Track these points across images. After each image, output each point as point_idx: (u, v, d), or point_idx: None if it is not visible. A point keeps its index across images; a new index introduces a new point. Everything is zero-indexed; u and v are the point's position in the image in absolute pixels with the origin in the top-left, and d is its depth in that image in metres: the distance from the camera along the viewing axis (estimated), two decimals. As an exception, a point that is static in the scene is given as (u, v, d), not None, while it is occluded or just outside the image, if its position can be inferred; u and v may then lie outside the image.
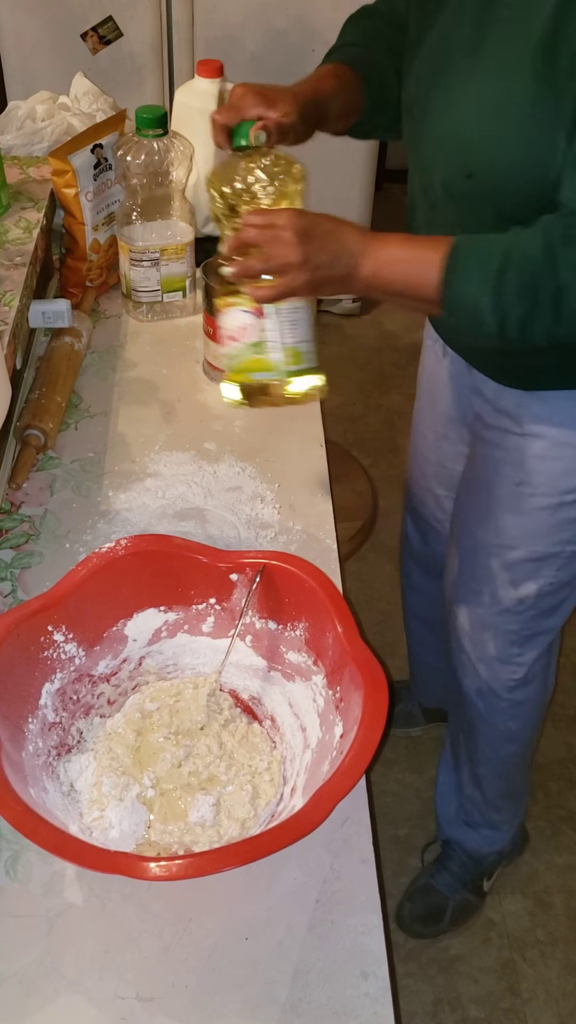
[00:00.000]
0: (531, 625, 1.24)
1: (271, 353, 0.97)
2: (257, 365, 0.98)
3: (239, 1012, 0.70)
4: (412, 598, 1.69)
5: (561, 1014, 1.53)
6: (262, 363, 0.98)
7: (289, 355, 0.97)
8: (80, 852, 0.67)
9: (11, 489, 1.11)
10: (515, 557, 1.18)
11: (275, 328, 0.96)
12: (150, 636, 0.90)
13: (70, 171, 1.29)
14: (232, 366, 1.00)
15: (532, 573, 1.18)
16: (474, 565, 1.23)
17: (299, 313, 0.96)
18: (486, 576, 1.21)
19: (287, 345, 0.97)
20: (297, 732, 0.85)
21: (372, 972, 0.73)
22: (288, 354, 0.97)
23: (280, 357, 0.97)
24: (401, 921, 1.60)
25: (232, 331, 0.98)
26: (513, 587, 1.20)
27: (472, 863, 1.60)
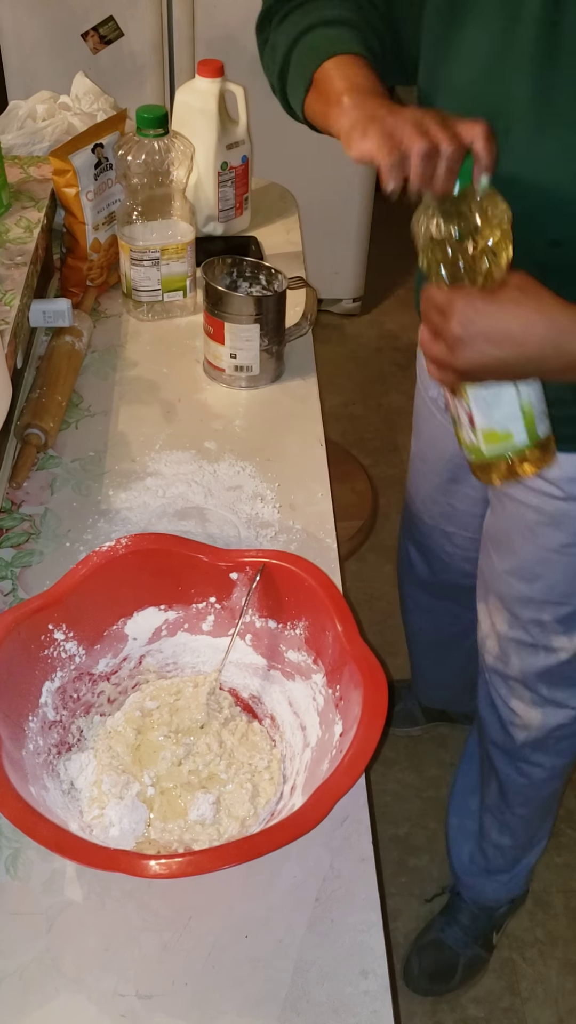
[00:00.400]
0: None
1: (466, 433, 0.90)
2: (460, 439, 0.92)
3: (239, 1009, 0.70)
4: (418, 618, 1.66)
5: (560, 1013, 1.53)
6: (463, 440, 0.92)
7: (487, 438, 0.88)
8: (80, 850, 0.67)
9: (12, 488, 1.11)
10: (567, 611, 1.13)
11: (464, 409, 0.88)
12: (150, 635, 0.90)
13: (71, 170, 1.29)
14: (469, 442, 0.92)
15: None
16: (524, 620, 1.18)
17: (500, 394, 0.86)
18: (540, 631, 1.17)
19: (482, 428, 0.88)
20: (297, 731, 0.85)
21: (371, 970, 0.73)
22: (485, 438, 0.88)
23: (474, 439, 0.89)
24: (409, 977, 1.54)
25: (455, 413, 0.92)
26: (567, 638, 1.16)
27: (484, 915, 1.54)
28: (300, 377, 1.30)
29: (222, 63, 1.45)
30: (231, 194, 1.52)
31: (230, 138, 1.47)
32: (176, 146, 1.29)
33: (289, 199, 1.68)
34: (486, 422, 0.87)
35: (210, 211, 1.52)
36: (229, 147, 1.48)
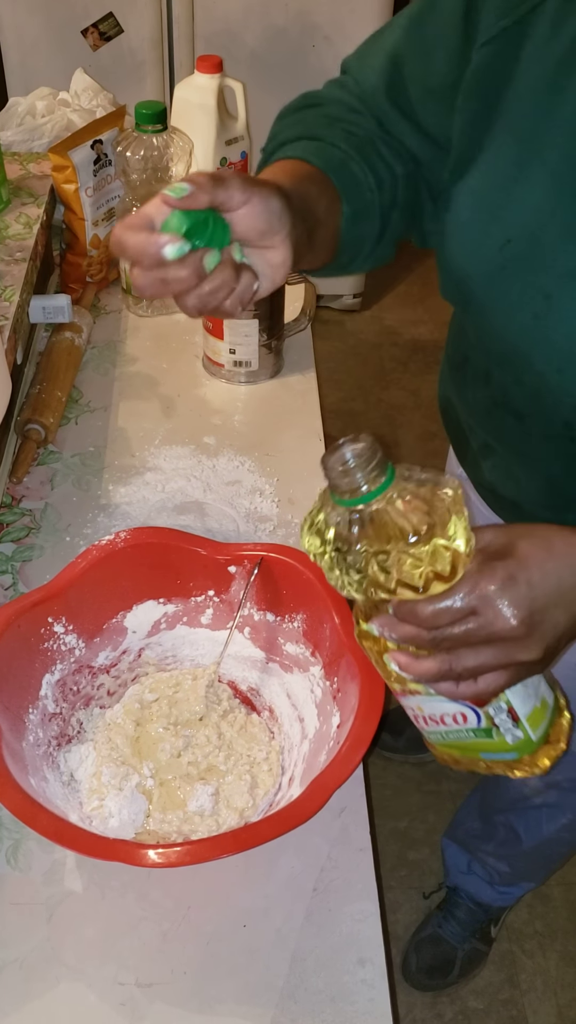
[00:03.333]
0: None
1: (508, 735, 0.67)
2: (487, 747, 0.69)
3: (237, 998, 0.71)
4: None
5: (559, 1005, 1.54)
6: (499, 745, 0.68)
7: (533, 721, 0.67)
8: (80, 840, 0.68)
9: (12, 483, 1.12)
10: None
11: (502, 710, 0.66)
12: (149, 628, 0.91)
13: (70, 167, 1.29)
14: (443, 743, 0.72)
15: None
16: None
17: None
18: None
19: (528, 714, 0.67)
20: (295, 722, 0.86)
21: (369, 959, 0.73)
22: (532, 722, 0.67)
23: (520, 734, 0.67)
24: (407, 972, 1.54)
25: (432, 715, 0.70)
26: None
27: (481, 911, 1.54)
28: (299, 372, 1.30)
29: (221, 59, 1.45)
30: (230, 190, 1.52)
31: (229, 134, 1.48)
32: (175, 142, 1.30)
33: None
34: (529, 703, 0.67)
35: (209, 207, 1.52)
36: (228, 143, 1.48)
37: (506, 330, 0.75)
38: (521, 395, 0.80)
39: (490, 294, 0.75)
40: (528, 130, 0.72)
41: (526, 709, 0.66)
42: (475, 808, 1.43)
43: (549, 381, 0.74)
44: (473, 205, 0.76)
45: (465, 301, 0.80)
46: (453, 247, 0.78)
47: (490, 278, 0.74)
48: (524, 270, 0.72)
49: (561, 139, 0.69)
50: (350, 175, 0.80)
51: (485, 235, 0.74)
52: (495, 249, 0.73)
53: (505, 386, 0.83)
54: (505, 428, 0.87)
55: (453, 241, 0.78)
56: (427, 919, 1.58)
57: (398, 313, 3.05)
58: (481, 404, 0.89)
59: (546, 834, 1.29)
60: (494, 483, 0.96)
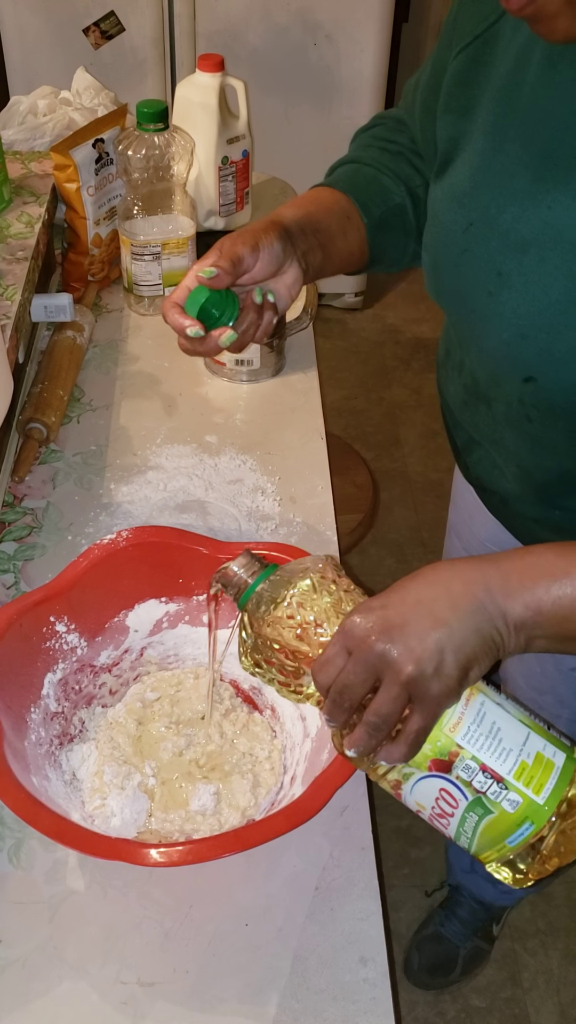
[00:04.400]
0: None
1: (505, 802, 0.62)
2: (500, 826, 0.63)
3: (239, 997, 0.71)
4: None
5: (562, 1003, 1.54)
6: (507, 819, 0.62)
7: (529, 779, 0.62)
8: (82, 839, 0.68)
9: (14, 482, 1.12)
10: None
11: (474, 769, 0.62)
12: (151, 627, 0.91)
13: (72, 166, 1.29)
14: (475, 848, 0.65)
15: None
16: None
17: (484, 712, 0.63)
18: None
19: (514, 770, 0.62)
20: (297, 721, 0.86)
21: (371, 958, 0.73)
22: (526, 779, 0.62)
23: (519, 797, 0.61)
24: (409, 971, 1.54)
25: (434, 808, 0.66)
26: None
27: (482, 909, 1.54)
28: (301, 371, 1.30)
29: (223, 58, 1.45)
30: (232, 189, 1.52)
31: (231, 132, 1.48)
32: (177, 141, 1.30)
33: (290, 193, 1.69)
34: (509, 759, 0.62)
35: (211, 206, 1.52)
36: (230, 141, 1.48)
37: (467, 311, 0.80)
38: (484, 378, 0.84)
39: (454, 278, 0.81)
40: (492, 124, 0.77)
41: (507, 765, 0.62)
42: None
43: (501, 358, 0.78)
44: (444, 198, 0.82)
45: (437, 290, 0.85)
46: (428, 239, 0.85)
47: (455, 263, 0.80)
48: (482, 250, 0.77)
49: (519, 128, 0.75)
50: (378, 188, 0.94)
51: (452, 223, 0.80)
52: (459, 233, 0.79)
53: (473, 371, 0.86)
54: (479, 417, 0.90)
55: (428, 233, 0.85)
56: (429, 918, 1.58)
57: (400, 311, 3.05)
58: (459, 395, 0.93)
59: None
60: (480, 477, 0.98)
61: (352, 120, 2.54)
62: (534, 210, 0.73)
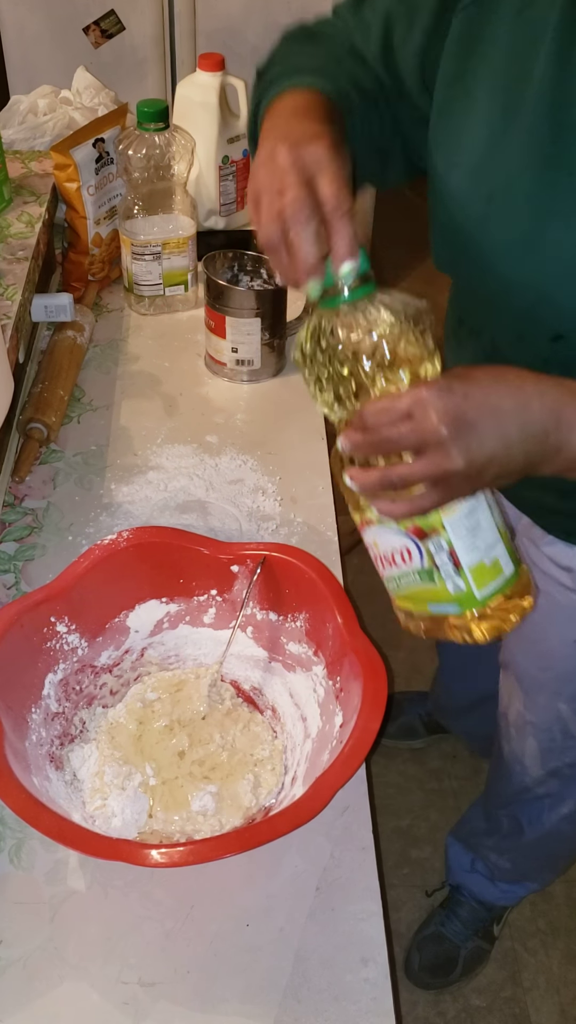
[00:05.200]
0: None
1: (449, 581, 0.70)
2: (432, 596, 0.71)
3: (240, 997, 0.71)
4: (448, 664, 1.60)
5: (562, 1003, 1.54)
6: (440, 593, 0.71)
7: (478, 576, 0.70)
8: (83, 839, 0.68)
9: (14, 482, 1.12)
10: None
11: (443, 548, 0.69)
12: (152, 627, 0.91)
13: (72, 165, 1.29)
14: (398, 592, 0.74)
15: None
16: (539, 705, 1.13)
17: (477, 513, 0.70)
18: (554, 716, 1.11)
19: (472, 565, 0.69)
20: (298, 722, 0.86)
21: (372, 958, 0.73)
22: (476, 575, 0.69)
23: (462, 584, 0.70)
24: (410, 971, 1.53)
25: (385, 554, 0.73)
26: None
27: (483, 909, 1.54)
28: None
29: (223, 57, 1.45)
30: (232, 188, 1.52)
31: (231, 132, 1.47)
32: (177, 140, 1.30)
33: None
34: (473, 555, 0.69)
35: (211, 205, 1.52)
36: (230, 141, 1.48)
37: (490, 278, 0.78)
38: (506, 341, 0.82)
39: (475, 249, 0.78)
40: (506, 94, 0.74)
41: (470, 559, 0.68)
42: (480, 806, 1.43)
43: (528, 320, 0.76)
44: (457, 173, 0.78)
45: (453, 261, 0.83)
46: (440, 212, 0.81)
47: (475, 234, 0.77)
48: (505, 218, 0.74)
49: (534, 101, 0.71)
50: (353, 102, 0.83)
51: (471, 196, 0.77)
52: (480, 205, 0.76)
53: (493, 336, 0.84)
54: None
55: (440, 206, 0.81)
56: (430, 917, 1.58)
57: (400, 311, 3.04)
58: (476, 362, 0.89)
59: (547, 826, 1.29)
60: None
61: (352, 119, 2.54)
62: (555, 175, 0.70)
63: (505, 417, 0.63)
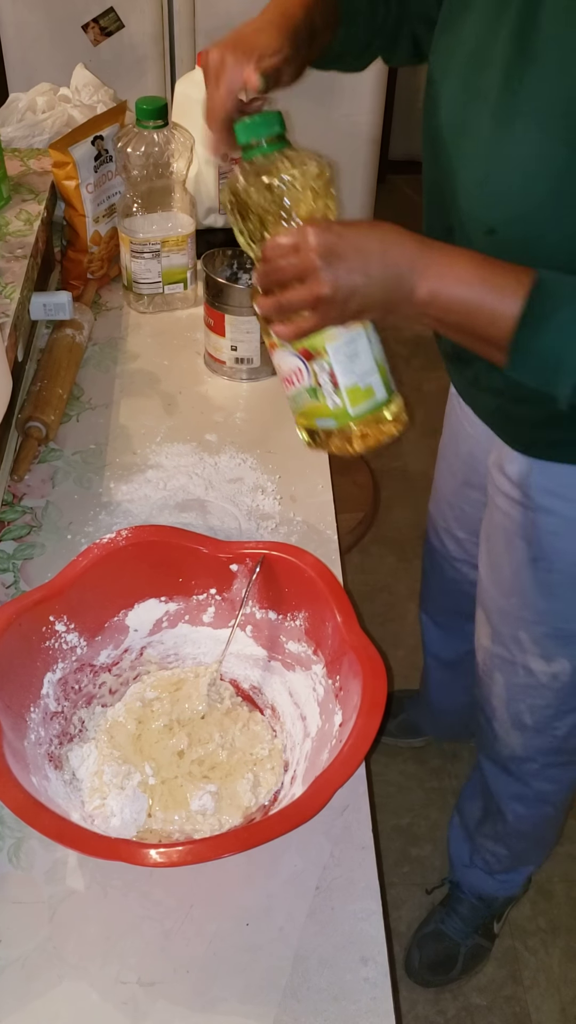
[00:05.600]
0: (569, 700, 1.15)
1: (329, 399, 0.82)
2: (317, 411, 0.83)
3: (240, 997, 0.71)
4: (432, 636, 1.63)
5: (563, 1001, 1.54)
6: (323, 410, 0.82)
7: (352, 396, 0.81)
8: (82, 839, 0.68)
9: (13, 481, 1.11)
10: (542, 632, 1.09)
11: (324, 369, 0.81)
12: (151, 626, 0.91)
13: (71, 163, 1.29)
14: (295, 409, 0.86)
15: (563, 649, 1.09)
16: (504, 636, 1.15)
17: (356, 343, 0.81)
18: (517, 648, 1.13)
19: (347, 386, 0.81)
20: (297, 721, 0.85)
21: (371, 958, 0.73)
22: (351, 395, 0.81)
23: (339, 401, 0.81)
24: (410, 969, 1.54)
25: (285, 374, 0.85)
26: (545, 662, 1.11)
27: (483, 905, 1.54)
28: (301, 369, 1.30)
29: (222, 54, 1.44)
30: (231, 186, 1.52)
31: (230, 130, 1.47)
32: (176, 138, 1.29)
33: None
34: (350, 378, 0.81)
35: (211, 203, 1.52)
36: (229, 139, 1.47)
37: (459, 170, 0.85)
38: (478, 232, 0.86)
39: (450, 148, 0.86)
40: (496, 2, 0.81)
41: (346, 381, 0.81)
42: (476, 789, 1.43)
43: (470, 215, 0.84)
44: (451, 80, 0.86)
45: (436, 153, 0.89)
46: (431, 117, 0.89)
47: (453, 134, 0.86)
48: (475, 121, 0.82)
49: (516, 6, 0.78)
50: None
51: (455, 102, 0.85)
52: (460, 110, 0.84)
53: (464, 227, 0.88)
54: None
55: (432, 113, 0.89)
56: (430, 915, 1.58)
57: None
58: None
59: (532, 806, 1.30)
60: (478, 375, 1.02)
61: (352, 117, 2.54)
62: (519, 82, 0.77)
63: (370, 256, 0.74)
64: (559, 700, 1.15)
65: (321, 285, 0.74)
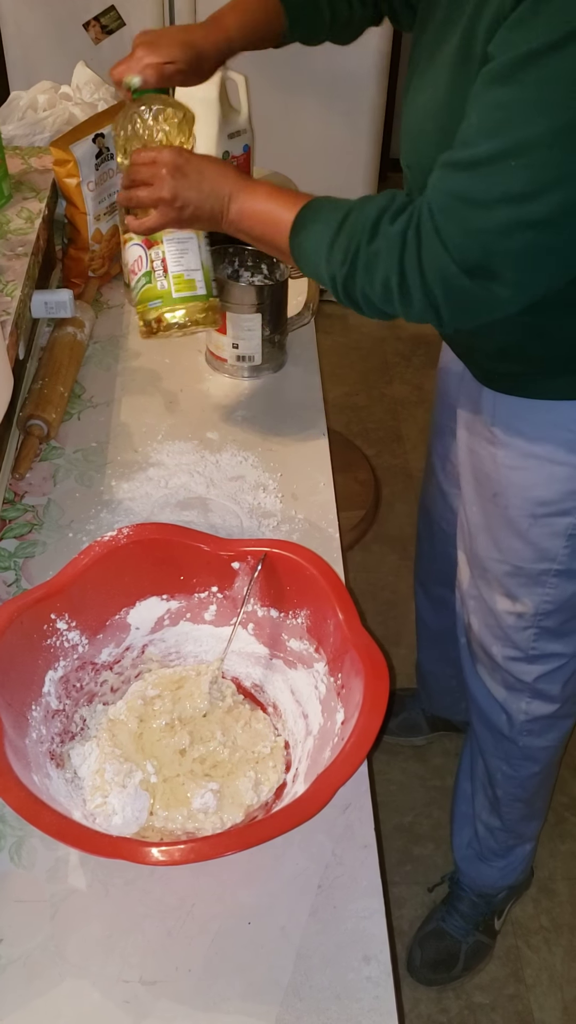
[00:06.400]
0: (538, 645, 1.17)
1: (159, 281, 1.04)
2: (150, 294, 1.05)
3: (242, 995, 0.71)
4: (422, 607, 1.65)
5: (565, 1000, 1.53)
6: (154, 292, 1.04)
7: (177, 282, 1.04)
8: (83, 837, 0.67)
9: (14, 479, 1.11)
10: (506, 571, 1.13)
11: (159, 257, 1.04)
12: (152, 624, 0.91)
13: (72, 161, 1.29)
14: (134, 299, 1.07)
15: (525, 589, 1.13)
16: (476, 574, 1.19)
17: (187, 243, 1.04)
18: (487, 587, 1.17)
19: (174, 272, 1.04)
20: (299, 719, 0.85)
21: (374, 956, 0.73)
22: (176, 281, 1.04)
23: (166, 284, 1.04)
24: (412, 967, 1.54)
25: (131, 265, 1.06)
26: (510, 600, 1.15)
27: (483, 902, 1.54)
28: (302, 367, 1.30)
29: (223, 52, 1.44)
30: (233, 184, 1.51)
31: (232, 127, 1.47)
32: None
33: (292, 187, 1.68)
34: (177, 267, 1.04)
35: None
36: (231, 136, 1.47)
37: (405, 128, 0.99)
38: (406, 169, 1.00)
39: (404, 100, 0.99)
40: None
41: (175, 268, 1.04)
42: (468, 757, 1.46)
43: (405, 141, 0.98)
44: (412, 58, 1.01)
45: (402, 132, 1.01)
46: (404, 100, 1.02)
47: (404, 93, 1.00)
48: (411, 79, 0.98)
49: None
50: None
51: (409, 70, 1.01)
52: (409, 75, 1.00)
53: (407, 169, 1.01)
54: None
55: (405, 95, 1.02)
56: (431, 914, 1.58)
57: (402, 307, 3.04)
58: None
59: (521, 746, 1.31)
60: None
61: (352, 115, 2.53)
62: (436, 46, 0.92)
63: (203, 179, 0.97)
64: (528, 644, 1.18)
65: (164, 190, 0.97)
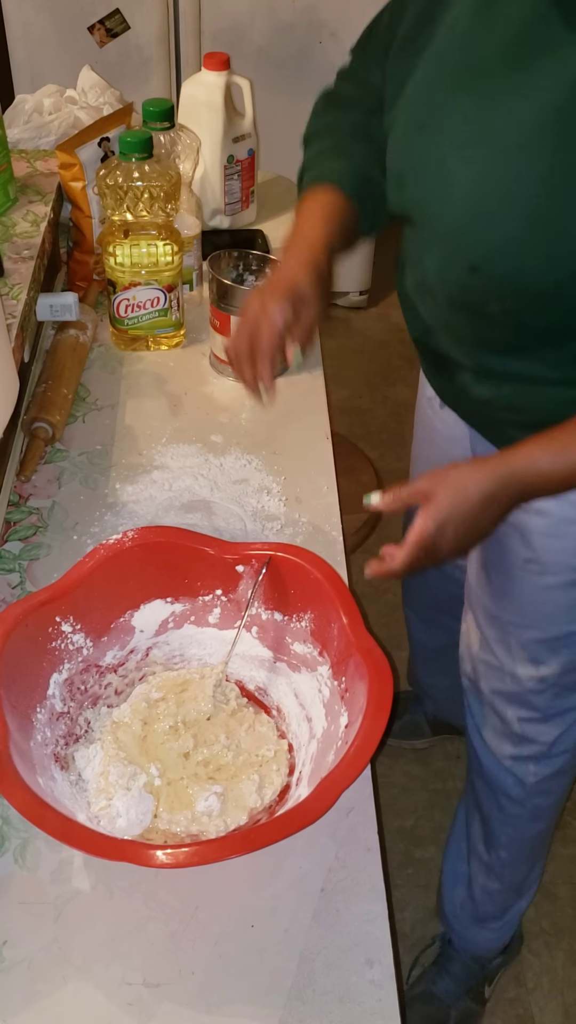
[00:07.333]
0: (555, 703, 1.15)
1: (172, 315, 1.19)
2: (161, 324, 1.19)
3: (245, 998, 0.71)
4: (416, 629, 1.64)
5: (566, 1004, 1.53)
6: (167, 322, 1.19)
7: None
8: (87, 840, 0.68)
9: (19, 481, 1.12)
10: (532, 636, 1.10)
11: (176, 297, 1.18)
12: (157, 627, 0.91)
13: (77, 164, 1.29)
14: (136, 327, 1.22)
15: (552, 652, 1.10)
16: (492, 640, 1.15)
17: None
18: (506, 653, 1.13)
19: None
20: (303, 722, 0.85)
21: (377, 960, 0.73)
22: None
23: (179, 316, 1.19)
24: None
25: (141, 303, 1.19)
26: (534, 666, 1.12)
27: (476, 966, 1.48)
28: (306, 370, 1.30)
29: (228, 56, 1.45)
30: (237, 187, 1.52)
31: (236, 131, 1.47)
32: (182, 139, 1.29)
33: (295, 192, 1.68)
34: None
35: (216, 204, 1.52)
36: (235, 140, 1.48)
37: (425, 215, 0.91)
38: (433, 264, 0.93)
39: (414, 177, 0.91)
40: (438, 50, 0.89)
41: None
42: (465, 817, 1.41)
43: (453, 236, 0.88)
44: (399, 115, 0.94)
45: (402, 199, 0.95)
46: (389, 156, 0.96)
47: (415, 169, 0.91)
48: (435, 153, 0.87)
49: (458, 51, 0.86)
50: (370, 187, 1.02)
51: (407, 132, 0.92)
52: (413, 138, 0.91)
53: (423, 263, 0.95)
54: (430, 305, 1.00)
55: (389, 151, 0.96)
56: (421, 976, 1.52)
57: (405, 310, 3.04)
58: (415, 291, 1.03)
59: (530, 807, 1.28)
60: (438, 359, 1.06)
61: (357, 118, 2.53)
62: (475, 117, 0.83)
63: (471, 526, 0.88)
64: (547, 703, 1.15)
65: (445, 555, 0.90)
